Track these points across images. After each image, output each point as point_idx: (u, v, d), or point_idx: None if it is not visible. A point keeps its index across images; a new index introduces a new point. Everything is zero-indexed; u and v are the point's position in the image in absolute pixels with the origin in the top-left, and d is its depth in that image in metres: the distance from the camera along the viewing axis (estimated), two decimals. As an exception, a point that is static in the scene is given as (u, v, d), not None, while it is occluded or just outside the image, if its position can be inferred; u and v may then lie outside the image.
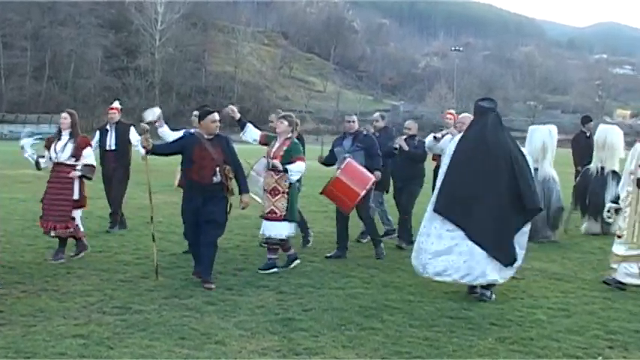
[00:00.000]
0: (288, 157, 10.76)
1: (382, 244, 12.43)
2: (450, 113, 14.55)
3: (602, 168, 15.34)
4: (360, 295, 9.47)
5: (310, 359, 6.95)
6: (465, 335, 7.84)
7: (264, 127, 12.60)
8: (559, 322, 8.46)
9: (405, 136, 13.27)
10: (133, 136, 14.20)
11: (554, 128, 15.13)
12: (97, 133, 14.57)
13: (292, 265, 11.10)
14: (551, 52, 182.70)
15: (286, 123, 10.94)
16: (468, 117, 12.54)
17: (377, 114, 14.69)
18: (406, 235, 13.29)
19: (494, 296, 9.40)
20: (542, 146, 14.59)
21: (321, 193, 11.99)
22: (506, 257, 9.38)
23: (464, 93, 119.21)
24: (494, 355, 7.19)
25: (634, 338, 7.91)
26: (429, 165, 13.22)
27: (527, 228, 9.68)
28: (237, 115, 11.04)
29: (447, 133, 12.82)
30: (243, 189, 10.08)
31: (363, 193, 11.62)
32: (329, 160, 12.76)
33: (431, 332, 7.91)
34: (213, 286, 9.63)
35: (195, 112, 11.77)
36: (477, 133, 9.68)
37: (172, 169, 13.00)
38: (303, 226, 13.00)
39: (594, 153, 15.77)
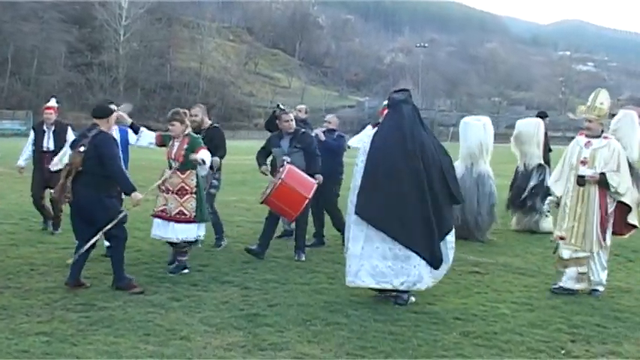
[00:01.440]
0: (191, 153, 10.24)
1: (304, 253, 11.91)
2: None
3: (526, 164, 15.29)
4: (325, 291, 9.49)
5: (275, 354, 6.95)
6: (430, 330, 7.88)
7: (228, 123, 12.51)
8: (522, 317, 8.53)
9: (324, 129, 13.06)
10: (70, 136, 13.57)
11: (488, 122, 14.63)
12: (32, 132, 13.98)
13: (181, 272, 10.38)
14: (515, 49, 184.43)
15: (178, 124, 10.37)
16: None
17: (303, 105, 14.38)
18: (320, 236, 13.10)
19: (412, 298, 9.03)
20: (479, 144, 14.13)
21: (263, 203, 11.45)
22: (433, 258, 8.90)
23: (429, 89, 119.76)
24: (458, 350, 7.24)
25: (596, 332, 8.00)
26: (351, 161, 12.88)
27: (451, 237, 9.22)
28: (129, 121, 10.62)
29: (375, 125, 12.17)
30: None
31: (310, 196, 11.22)
32: (262, 159, 12.19)
33: (396, 327, 7.94)
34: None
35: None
36: (392, 128, 9.15)
37: (136, 165, 12.91)
38: (218, 228, 12.59)
39: (516, 150, 15.77)
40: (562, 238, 9.78)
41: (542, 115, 17.39)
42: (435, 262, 8.90)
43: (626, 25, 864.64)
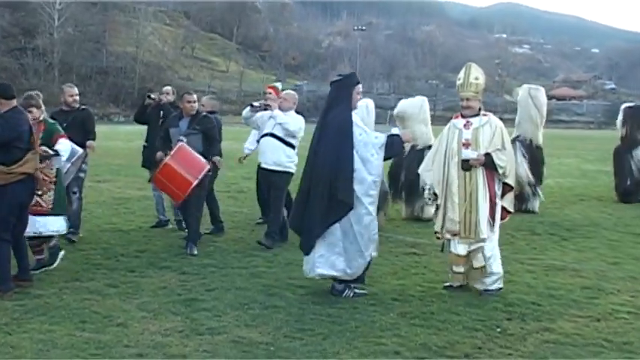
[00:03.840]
0: (48, 141, 9.51)
1: (195, 243, 11.14)
2: (271, 87, 13.39)
3: (414, 145, 14.03)
4: (263, 274, 9.49)
5: (213, 339, 6.94)
6: (368, 311, 7.93)
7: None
8: (459, 296, 8.61)
9: (203, 114, 11.99)
10: None
11: (371, 103, 13.16)
12: None
13: (59, 259, 9.75)
14: (453, 32, 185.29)
15: (35, 110, 9.40)
16: (291, 94, 12.03)
17: (169, 87, 13.50)
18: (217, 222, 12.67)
19: (349, 292, 8.62)
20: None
21: (150, 181, 11.07)
22: (304, 245, 8.73)
23: (367, 72, 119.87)
24: (395, 330, 7.29)
25: (531, 310, 8.13)
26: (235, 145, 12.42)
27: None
28: None
29: (266, 106, 11.74)
30: None
31: (195, 182, 10.58)
32: (162, 145, 11.32)
33: (334, 309, 7.98)
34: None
35: None
36: (321, 111, 9.01)
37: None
38: (75, 218, 11.59)
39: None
40: (456, 234, 8.91)
41: None
42: (304, 245, 8.74)
43: (559, 8, 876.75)
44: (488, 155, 8.74)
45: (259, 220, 13.45)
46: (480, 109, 9.03)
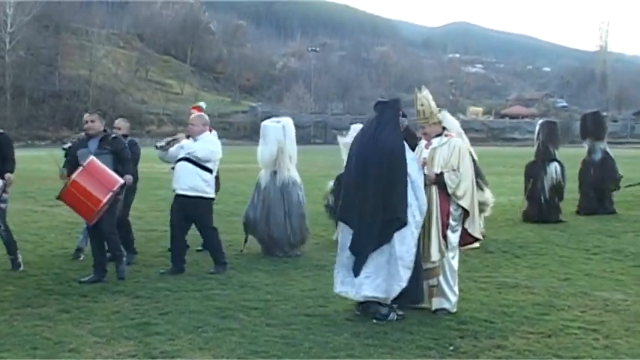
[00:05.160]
0: None
1: (125, 262, 10.96)
2: (195, 108, 12.87)
3: None
4: (216, 297, 9.47)
5: (166, 362, 6.92)
6: (322, 332, 7.94)
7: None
8: (412, 315, 8.63)
9: (113, 136, 11.38)
10: None
11: (289, 122, 13.26)
12: None
13: None
14: (407, 52, 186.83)
15: None
16: (197, 117, 11.51)
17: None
18: (130, 247, 12.08)
19: (394, 316, 8.52)
20: (277, 146, 12.80)
21: (60, 197, 10.24)
22: (355, 267, 8.60)
23: (321, 93, 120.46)
24: (349, 350, 7.31)
25: (484, 327, 8.18)
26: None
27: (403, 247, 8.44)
28: None
29: (175, 140, 11.52)
30: None
31: (105, 198, 10.01)
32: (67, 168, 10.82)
33: (287, 330, 7.99)
34: None
35: None
36: (365, 132, 8.96)
37: (27, 175, 12.60)
38: (11, 247, 11.38)
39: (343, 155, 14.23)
40: None
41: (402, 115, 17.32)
42: (355, 268, 8.60)
43: (511, 27, 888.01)
44: (441, 174, 8.78)
45: (199, 248, 12.74)
46: (443, 129, 9.17)
